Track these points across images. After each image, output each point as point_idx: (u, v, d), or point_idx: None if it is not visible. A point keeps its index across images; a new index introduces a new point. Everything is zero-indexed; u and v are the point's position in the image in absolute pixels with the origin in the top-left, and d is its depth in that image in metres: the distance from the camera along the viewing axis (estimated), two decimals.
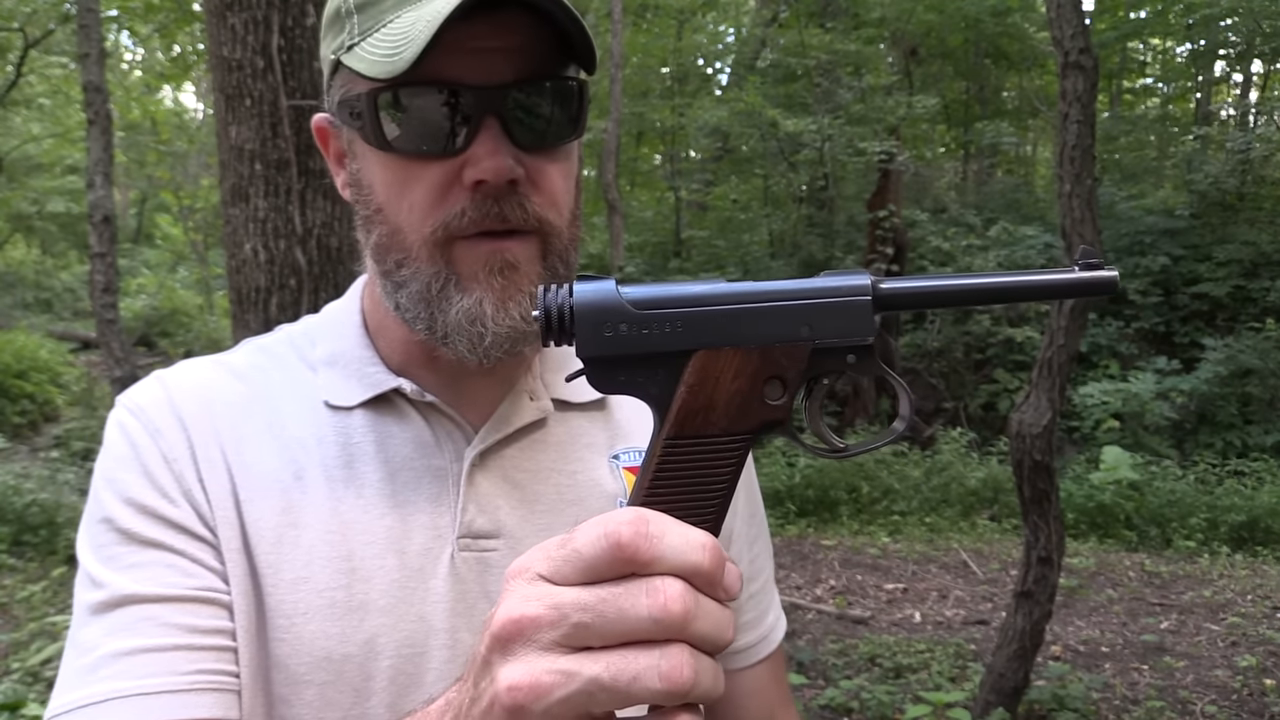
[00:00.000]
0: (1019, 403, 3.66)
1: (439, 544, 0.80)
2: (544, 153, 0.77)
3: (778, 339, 0.55)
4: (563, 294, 0.55)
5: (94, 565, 0.75)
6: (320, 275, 2.87)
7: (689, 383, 0.55)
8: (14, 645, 5.01)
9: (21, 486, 7.57)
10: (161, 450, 0.78)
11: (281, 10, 2.78)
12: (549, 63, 0.75)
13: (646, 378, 0.55)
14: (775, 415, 0.56)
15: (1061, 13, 3.45)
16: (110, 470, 0.79)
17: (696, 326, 0.55)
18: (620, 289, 0.55)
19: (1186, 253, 11.33)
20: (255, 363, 0.87)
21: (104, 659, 0.70)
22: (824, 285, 0.57)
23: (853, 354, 0.57)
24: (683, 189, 14.97)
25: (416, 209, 0.76)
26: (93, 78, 6.31)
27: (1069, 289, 0.58)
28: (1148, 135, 15.24)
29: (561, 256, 0.80)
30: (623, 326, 0.55)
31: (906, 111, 12.09)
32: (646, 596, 0.47)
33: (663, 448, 0.55)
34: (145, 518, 0.75)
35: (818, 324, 0.56)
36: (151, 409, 0.81)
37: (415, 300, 0.78)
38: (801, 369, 0.56)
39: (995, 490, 8.53)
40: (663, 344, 0.55)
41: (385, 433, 0.82)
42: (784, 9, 14.20)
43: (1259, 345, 9.80)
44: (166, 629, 0.72)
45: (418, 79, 0.72)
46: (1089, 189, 3.47)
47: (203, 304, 16.48)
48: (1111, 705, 4.39)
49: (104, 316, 6.05)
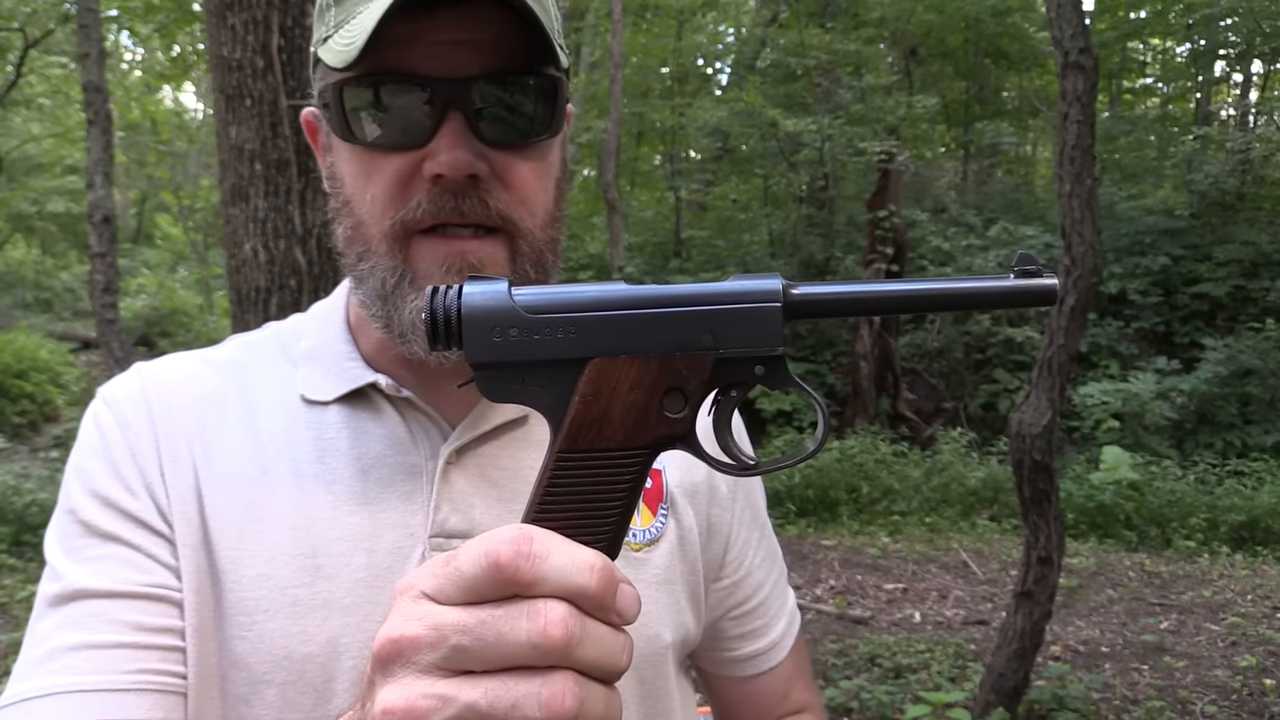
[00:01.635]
0: (1019, 403, 3.66)
1: (410, 543, 0.78)
2: (513, 149, 0.75)
3: (678, 347, 0.51)
4: (450, 295, 0.52)
5: (56, 556, 0.75)
6: (320, 275, 2.87)
7: (582, 393, 0.51)
8: (14, 645, 5.01)
9: (21, 486, 7.57)
10: (129, 443, 0.78)
11: (281, 10, 2.78)
12: (521, 58, 0.73)
13: (539, 386, 0.52)
14: (676, 430, 0.52)
15: (1061, 13, 3.45)
16: (80, 460, 0.79)
17: (591, 333, 0.51)
18: (514, 291, 0.52)
19: (1186, 253, 11.33)
20: (237, 357, 0.87)
21: (53, 652, 0.70)
22: (730, 289, 0.52)
23: (760, 365, 0.53)
24: (683, 189, 14.97)
25: (378, 201, 0.75)
26: (93, 78, 6.31)
27: (1002, 298, 0.53)
28: (1148, 135, 15.24)
29: (534, 260, 0.78)
30: (513, 331, 0.51)
31: (906, 111, 12.09)
32: (526, 620, 0.45)
33: (554, 461, 0.52)
34: (107, 510, 0.75)
35: (721, 332, 0.52)
36: (125, 401, 0.80)
37: (373, 296, 0.77)
38: (704, 380, 0.52)
39: (995, 490, 8.53)
40: (555, 351, 0.52)
41: (359, 429, 0.81)
42: (784, 9, 14.20)
43: (1259, 345, 9.80)
44: (113, 625, 0.71)
45: (379, 70, 0.72)
46: (1089, 189, 3.47)
47: (203, 304, 16.48)
48: (1111, 705, 4.39)
49: (104, 316, 6.05)
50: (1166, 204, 12.28)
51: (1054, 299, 0.53)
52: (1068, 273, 3.50)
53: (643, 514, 0.87)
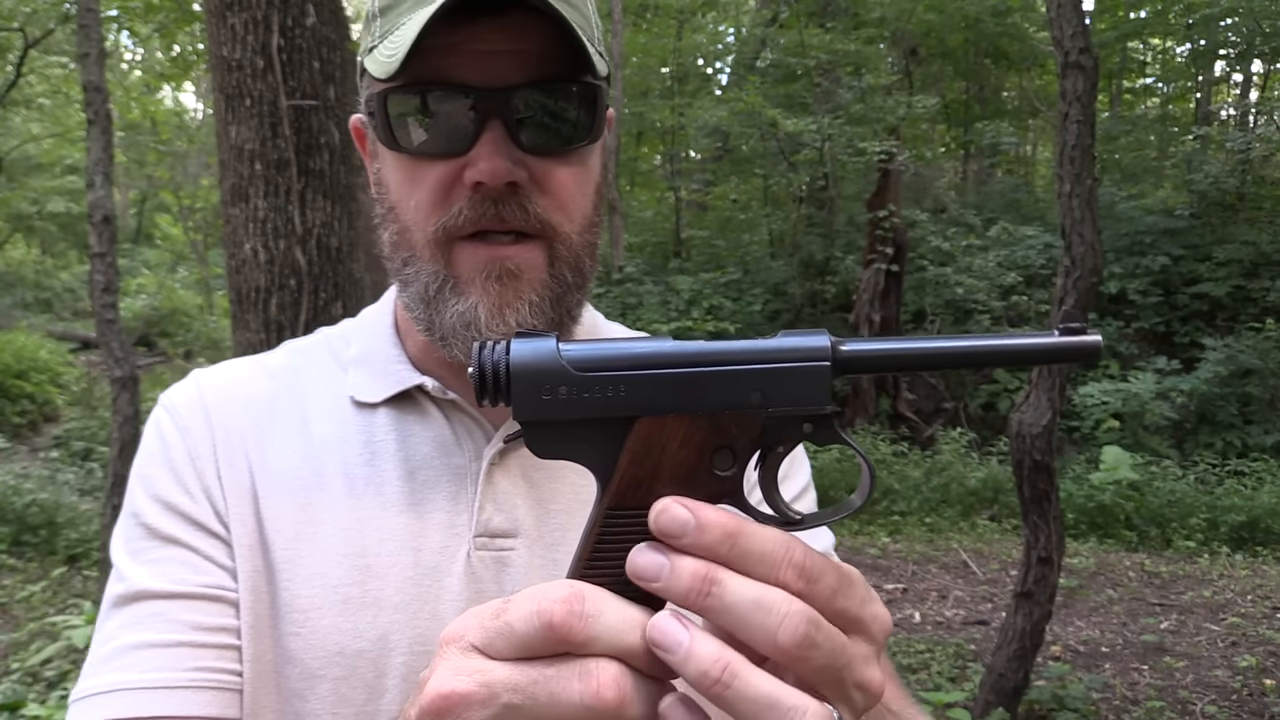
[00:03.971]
0: (1019, 403, 3.66)
1: (455, 542, 0.80)
2: (553, 156, 0.77)
3: (727, 406, 0.51)
4: (499, 351, 0.52)
5: (121, 558, 0.79)
6: (320, 275, 2.87)
7: (631, 451, 0.51)
8: (14, 645, 5.01)
9: (21, 486, 7.58)
10: (188, 447, 0.81)
11: (281, 10, 2.78)
12: (561, 66, 0.75)
13: (587, 443, 0.52)
14: (725, 488, 0.51)
15: (1061, 13, 3.45)
16: (142, 466, 0.82)
17: (640, 391, 0.51)
18: (561, 348, 0.51)
19: (1186, 253, 11.33)
20: (290, 363, 0.90)
21: (116, 650, 0.74)
22: (779, 347, 0.52)
23: (809, 423, 0.52)
24: (683, 189, 14.98)
25: (421, 208, 0.77)
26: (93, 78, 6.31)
27: (1048, 355, 0.54)
28: (1148, 135, 15.24)
29: (571, 264, 0.80)
30: (562, 389, 0.51)
31: (906, 111, 12.09)
32: (579, 681, 0.45)
33: (603, 518, 0.51)
34: (167, 513, 0.79)
35: (771, 391, 0.51)
36: (183, 407, 0.84)
37: (416, 300, 0.80)
38: (753, 438, 0.51)
39: (995, 490, 8.54)
40: (604, 409, 0.51)
41: (407, 431, 0.83)
42: (784, 9, 14.20)
43: (1259, 345, 9.80)
44: (173, 625, 0.75)
45: (422, 79, 0.74)
46: (1089, 189, 3.47)
47: (203, 304, 16.49)
48: (1111, 705, 4.39)
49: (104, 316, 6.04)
50: (1166, 204, 12.28)
51: (1099, 357, 0.54)
52: (1067, 273, 3.50)
53: None
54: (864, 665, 0.49)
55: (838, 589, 0.49)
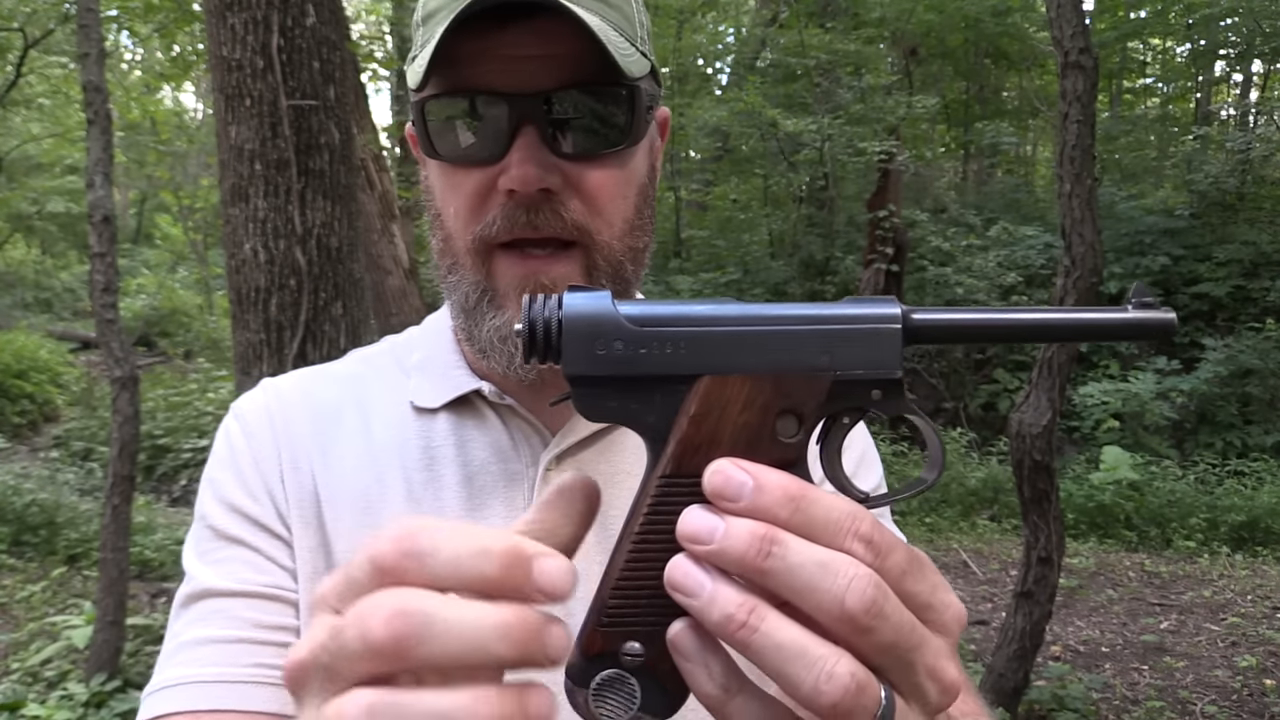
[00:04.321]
0: (1019, 403, 3.66)
1: None
2: (588, 160, 0.77)
3: (794, 367, 0.49)
4: (550, 305, 0.50)
5: (190, 559, 0.82)
6: (320, 275, 2.87)
7: (690, 413, 0.48)
8: (14, 645, 5.01)
9: (21, 486, 7.58)
10: (253, 452, 0.84)
11: (281, 10, 2.78)
12: (594, 70, 0.74)
13: (642, 405, 0.49)
14: (788, 455, 0.48)
15: (1061, 13, 3.45)
16: (211, 471, 0.85)
17: (702, 349, 0.49)
18: (618, 304, 0.49)
19: (1186, 253, 11.33)
20: (355, 371, 0.92)
21: (180, 646, 0.77)
22: (849, 312, 0.50)
23: (878, 389, 0.50)
24: (683, 189, 14.97)
25: (460, 216, 0.78)
26: (93, 78, 6.31)
27: (1121, 330, 0.52)
28: (1148, 135, 15.24)
29: (611, 272, 0.79)
30: (617, 344, 0.49)
31: (906, 111, 12.08)
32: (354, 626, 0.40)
33: (657, 487, 0.48)
34: (233, 515, 0.81)
35: (839, 353, 0.49)
36: (250, 414, 0.87)
37: (458, 309, 0.81)
38: (820, 402, 0.49)
39: (995, 490, 8.54)
40: (662, 366, 0.49)
41: (465, 437, 0.84)
42: (784, 9, 14.19)
43: (1259, 345, 9.79)
44: (235, 622, 0.77)
45: (454, 88, 0.75)
46: (1089, 189, 3.47)
47: (203, 304, 16.49)
48: (1111, 705, 4.39)
49: (104, 316, 6.04)
50: (1166, 204, 12.27)
51: (1173, 332, 0.52)
52: (1067, 273, 3.50)
53: None
54: (938, 654, 0.46)
55: (908, 570, 0.45)
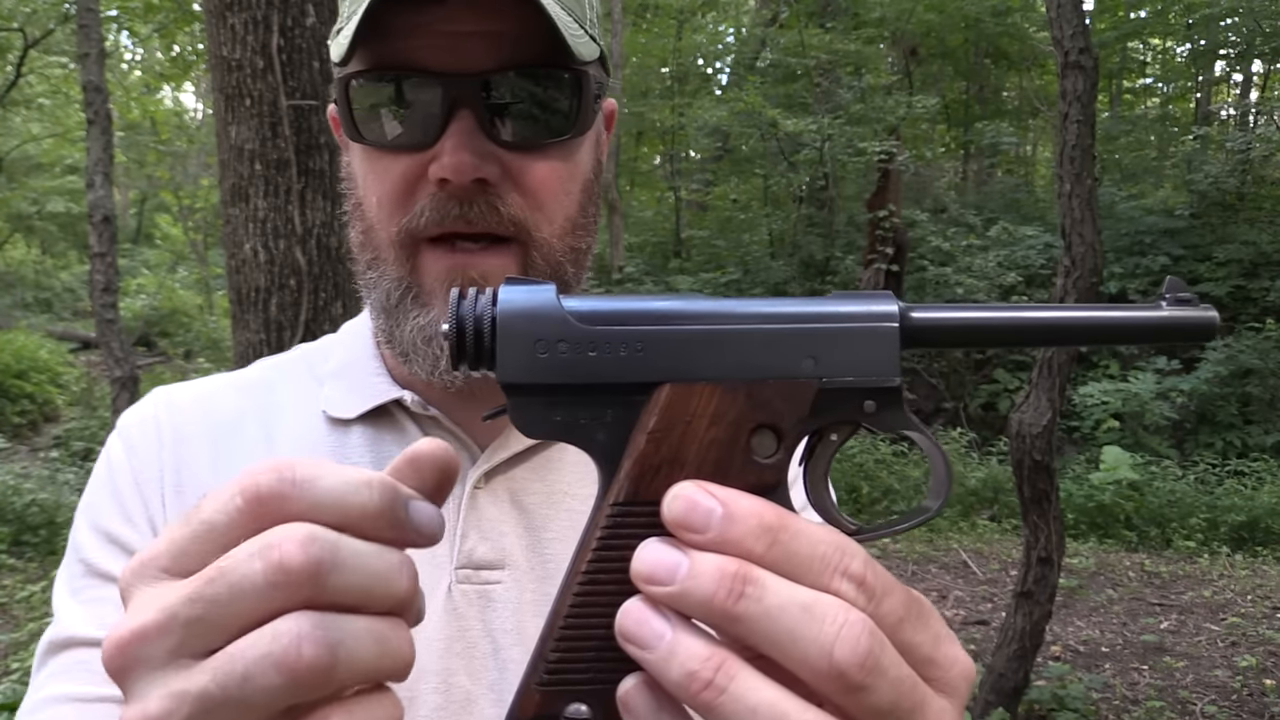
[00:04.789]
0: (1019, 403, 3.66)
1: (435, 574, 0.71)
2: (530, 150, 0.69)
3: (772, 373, 0.41)
4: (483, 301, 0.42)
5: (60, 597, 0.72)
6: (320, 275, 2.87)
7: (649, 428, 0.40)
8: (14, 645, 5.01)
9: (21, 486, 7.57)
10: (134, 470, 0.74)
11: (281, 10, 2.78)
12: (540, 50, 0.67)
13: (591, 418, 0.41)
14: (766, 477, 0.41)
15: (1061, 13, 3.45)
16: (88, 494, 0.76)
17: (663, 351, 0.41)
18: (564, 298, 0.42)
19: (1186, 253, 11.34)
20: (263, 378, 0.82)
21: (39, 703, 0.67)
22: (838, 309, 0.42)
23: (872, 399, 0.42)
24: (683, 189, 14.98)
25: (384, 206, 0.70)
26: (93, 78, 6.31)
27: (1156, 331, 0.44)
28: (1148, 135, 15.25)
29: (550, 272, 0.71)
30: (561, 346, 0.41)
31: (906, 111, 12.09)
32: (260, 559, 0.35)
33: (608, 517, 0.41)
34: (107, 547, 0.72)
35: (826, 356, 0.41)
36: (135, 427, 0.77)
37: (378, 307, 0.72)
38: (803, 415, 0.41)
39: (995, 490, 8.54)
40: (616, 372, 0.41)
41: (382, 452, 0.75)
42: (784, 9, 14.20)
43: (1259, 345, 9.80)
44: (97, 677, 0.66)
45: (383, 64, 0.67)
46: (1089, 189, 3.47)
47: (203, 304, 16.48)
48: (1111, 705, 4.39)
49: (104, 316, 6.05)
50: (1166, 204, 12.28)
51: (1214, 333, 0.44)
52: (1067, 273, 3.50)
53: None
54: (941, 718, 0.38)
55: (906, 616, 0.38)
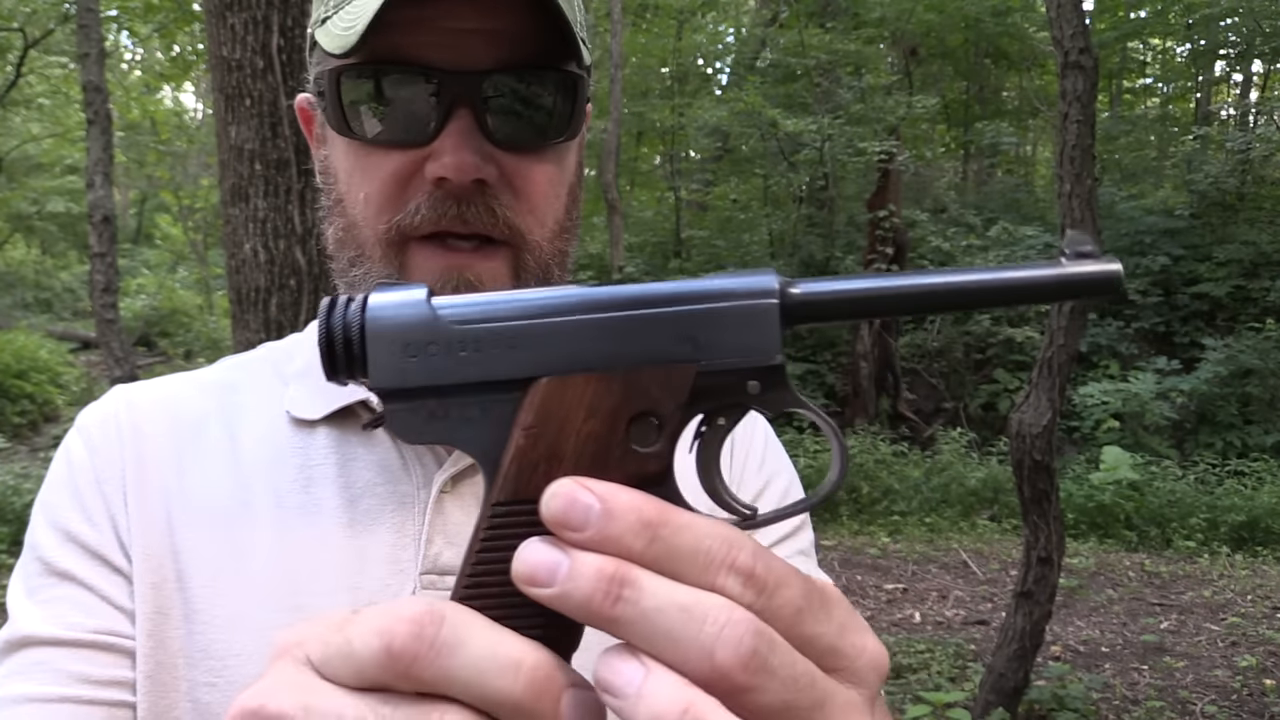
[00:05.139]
0: (1019, 403, 3.66)
1: (399, 580, 0.69)
2: (527, 152, 0.69)
3: (647, 360, 0.40)
4: (353, 309, 0.41)
5: (15, 596, 0.71)
6: (320, 275, 2.87)
7: (525, 424, 0.39)
8: None
9: (21, 486, 7.58)
10: (95, 468, 0.72)
11: (281, 10, 2.78)
12: (540, 51, 0.67)
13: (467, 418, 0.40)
14: (648, 467, 0.39)
15: (1061, 13, 3.45)
16: (46, 493, 0.74)
17: (534, 345, 0.40)
18: (435, 300, 0.41)
19: (1186, 253, 11.34)
20: (227, 378, 0.80)
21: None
22: (712, 287, 0.41)
23: (756, 379, 0.40)
24: (683, 189, 14.98)
25: (372, 202, 0.69)
26: (93, 78, 6.32)
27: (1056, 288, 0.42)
28: (1148, 135, 15.26)
29: (540, 274, 0.71)
30: (432, 348, 0.40)
31: (906, 111, 12.09)
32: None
33: (491, 517, 0.40)
34: (66, 545, 0.70)
35: (703, 338, 0.40)
36: (96, 426, 0.75)
37: None
38: (682, 401, 0.40)
39: (995, 490, 8.54)
40: (488, 370, 0.40)
41: (348, 454, 0.73)
42: (784, 9, 14.20)
43: (1259, 345, 9.80)
44: (58, 677, 0.65)
45: (381, 58, 0.66)
46: (1089, 189, 3.47)
47: (203, 304, 16.49)
48: (1111, 705, 4.39)
49: (104, 316, 6.05)
50: (1166, 204, 12.29)
51: (1118, 287, 0.42)
52: None
53: None
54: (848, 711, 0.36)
55: (805, 607, 0.36)
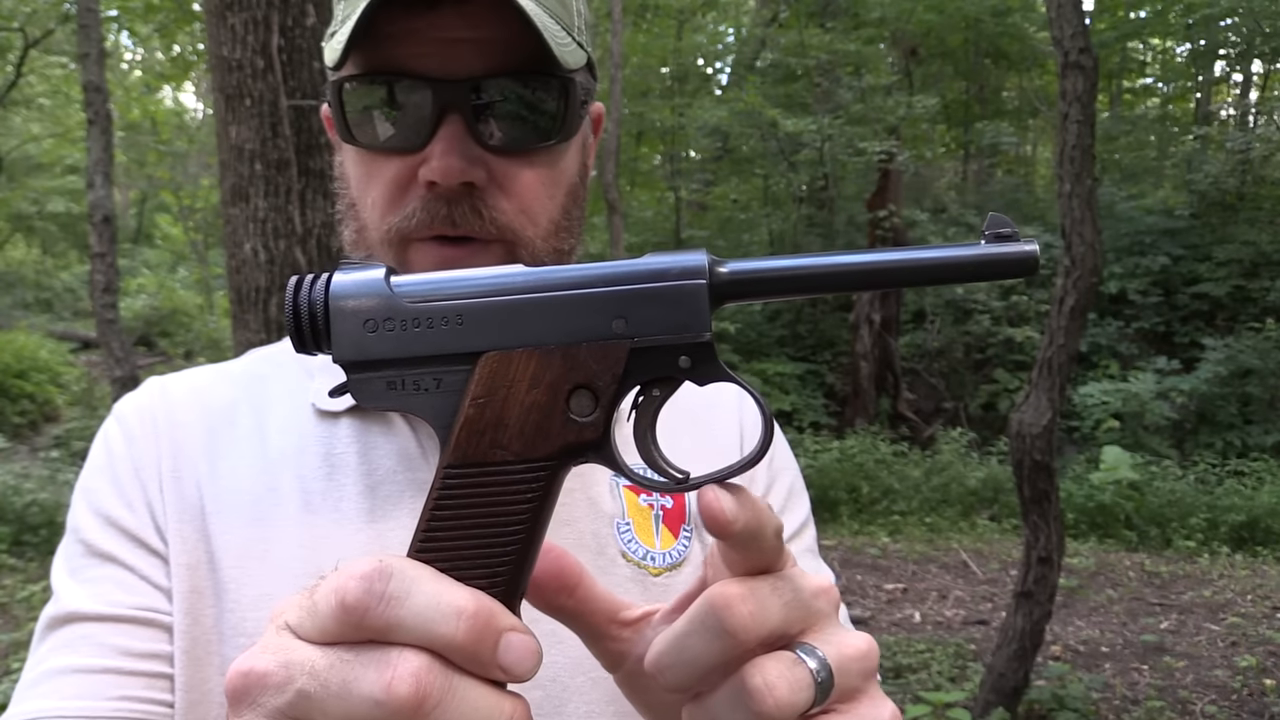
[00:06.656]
0: (1019, 403, 3.66)
1: None
2: (517, 154, 0.72)
3: (583, 336, 0.44)
4: (317, 287, 0.46)
5: (59, 576, 0.75)
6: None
7: (473, 395, 0.44)
8: (14, 645, 5.01)
9: (21, 486, 7.58)
10: (133, 457, 0.76)
11: (281, 10, 2.78)
12: (527, 58, 0.69)
13: (421, 389, 0.45)
14: (585, 436, 0.44)
15: (1061, 13, 3.45)
16: (86, 478, 0.78)
17: (481, 322, 0.45)
18: (393, 279, 0.46)
19: (1186, 253, 11.34)
20: (255, 370, 0.84)
21: (42, 675, 0.69)
22: (644, 267, 0.45)
23: (686, 355, 0.45)
24: (683, 189, 14.97)
25: (376, 206, 0.73)
26: (93, 78, 6.32)
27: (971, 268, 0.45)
28: (1148, 135, 15.24)
29: None
30: (389, 324, 0.45)
31: (906, 111, 12.08)
32: (375, 671, 0.39)
33: (443, 479, 0.44)
34: (107, 529, 0.74)
35: (635, 316, 0.44)
36: (133, 416, 0.79)
37: None
38: (617, 375, 0.45)
39: (995, 490, 8.54)
40: (439, 344, 0.45)
41: (369, 443, 0.77)
42: (784, 9, 14.20)
43: (1259, 345, 9.80)
44: (101, 649, 0.70)
45: (375, 69, 0.69)
46: (1089, 189, 3.47)
47: (203, 304, 16.48)
48: (1111, 705, 4.39)
49: (104, 316, 6.05)
50: (1166, 204, 12.29)
51: (1034, 267, 0.45)
52: (1067, 273, 3.50)
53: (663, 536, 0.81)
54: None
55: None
